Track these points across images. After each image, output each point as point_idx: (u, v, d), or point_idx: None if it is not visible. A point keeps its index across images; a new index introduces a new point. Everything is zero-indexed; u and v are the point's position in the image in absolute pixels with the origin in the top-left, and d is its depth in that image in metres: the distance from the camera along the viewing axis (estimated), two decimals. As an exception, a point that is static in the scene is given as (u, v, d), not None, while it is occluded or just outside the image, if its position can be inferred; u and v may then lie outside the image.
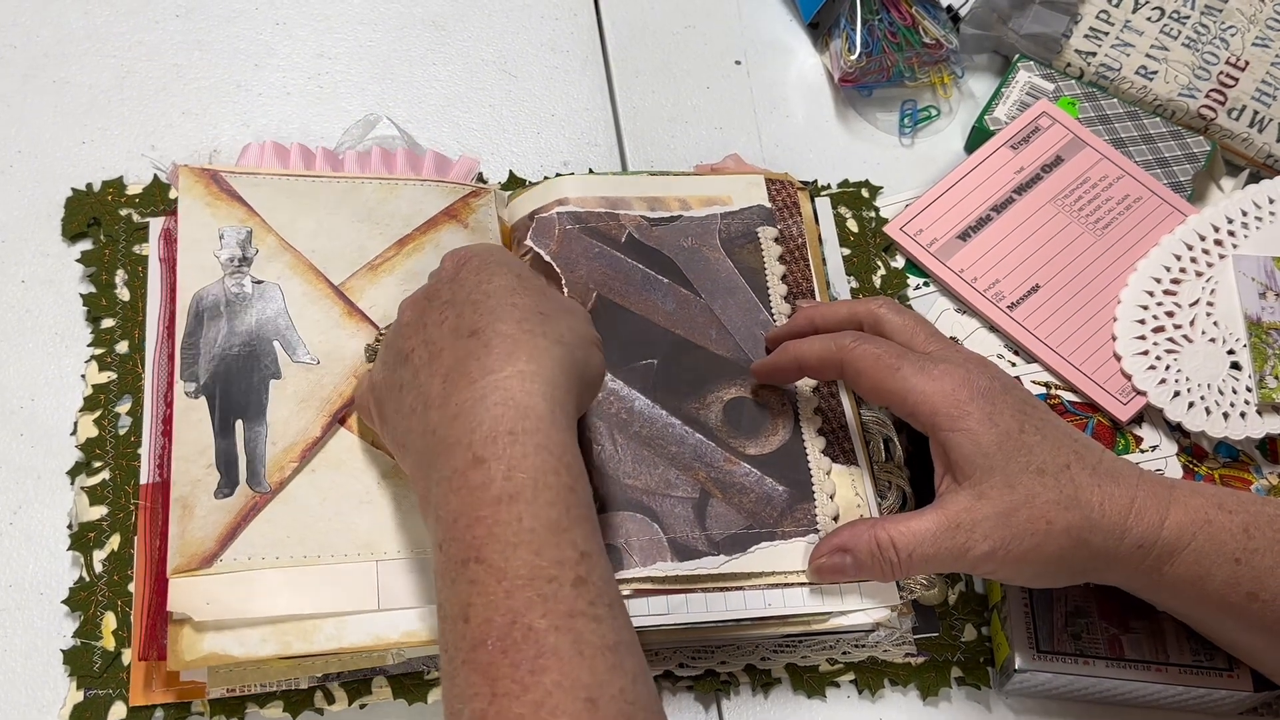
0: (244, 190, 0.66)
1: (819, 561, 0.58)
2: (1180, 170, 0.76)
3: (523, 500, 0.46)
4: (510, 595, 0.44)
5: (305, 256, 0.65)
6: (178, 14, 0.79)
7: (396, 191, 0.68)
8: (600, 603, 0.45)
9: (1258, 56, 0.79)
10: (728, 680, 0.61)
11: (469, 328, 0.50)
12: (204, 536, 0.56)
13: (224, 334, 0.62)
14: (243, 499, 0.58)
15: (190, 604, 0.55)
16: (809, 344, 0.60)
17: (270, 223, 0.65)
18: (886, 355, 0.57)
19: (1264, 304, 0.70)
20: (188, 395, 0.60)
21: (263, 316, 0.63)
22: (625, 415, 0.62)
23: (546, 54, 0.81)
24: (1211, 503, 0.55)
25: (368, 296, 0.64)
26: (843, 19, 0.80)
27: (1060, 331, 0.71)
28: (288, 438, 0.60)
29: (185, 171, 0.66)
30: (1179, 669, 0.60)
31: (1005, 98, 0.79)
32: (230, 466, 0.59)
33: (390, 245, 0.66)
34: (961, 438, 0.55)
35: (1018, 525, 0.54)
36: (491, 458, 0.47)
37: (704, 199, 0.70)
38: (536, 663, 0.43)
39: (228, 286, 0.63)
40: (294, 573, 0.56)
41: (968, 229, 0.74)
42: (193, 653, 0.54)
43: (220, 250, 0.64)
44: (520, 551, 0.45)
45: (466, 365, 0.49)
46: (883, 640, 0.61)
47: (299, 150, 0.70)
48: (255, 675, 0.56)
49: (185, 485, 0.58)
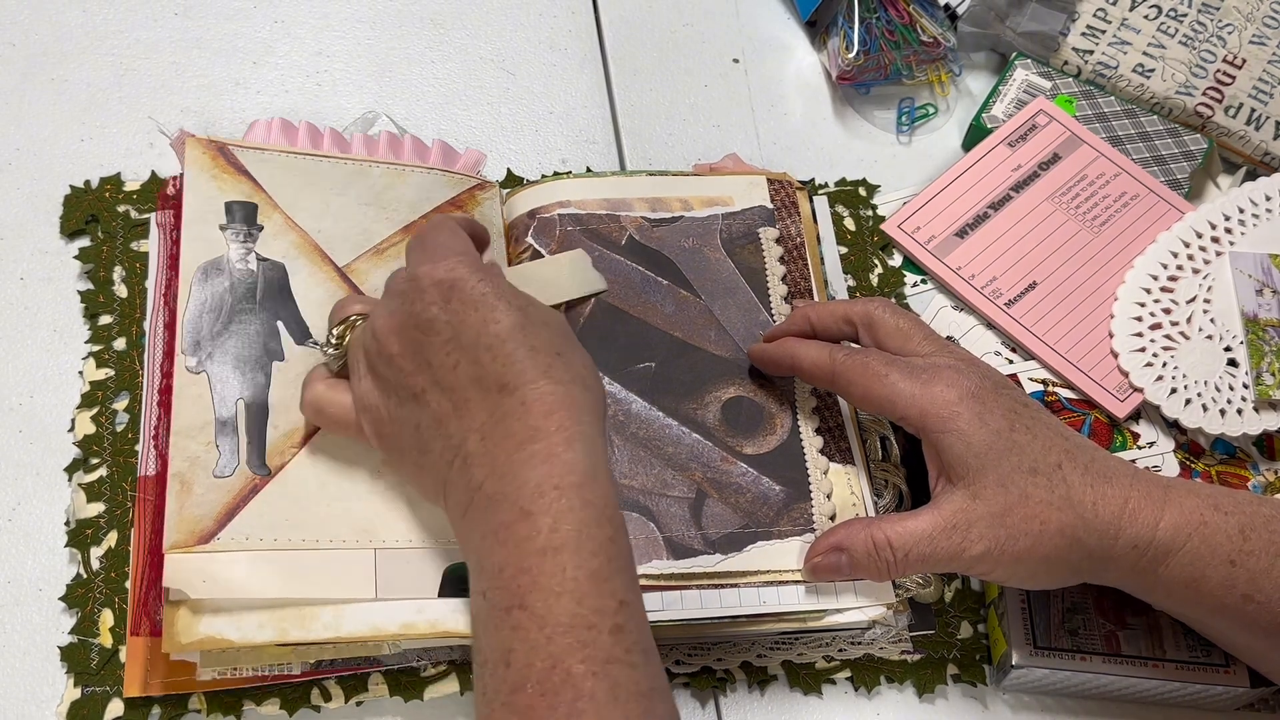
0: (251, 165, 0.65)
1: (815, 560, 0.58)
2: (1177, 168, 0.76)
3: (567, 551, 0.47)
4: (551, 641, 0.45)
5: (311, 237, 0.64)
6: (176, 12, 0.79)
7: (404, 178, 0.68)
8: (636, 650, 0.47)
9: (1255, 54, 0.79)
10: (724, 677, 0.61)
11: (496, 381, 0.51)
12: (202, 515, 0.56)
13: (228, 309, 0.61)
14: (242, 480, 0.57)
15: (186, 580, 0.54)
16: (805, 348, 0.61)
17: (277, 200, 0.64)
18: (875, 363, 0.58)
19: (1261, 301, 0.70)
20: (189, 370, 0.59)
21: (267, 295, 0.62)
22: (622, 417, 0.62)
23: (545, 52, 0.81)
24: (1207, 503, 0.55)
25: (372, 280, 0.64)
26: (840, 17, 0.80)
27: (1057, 328, 0.71)
28: (289, 421, 0.59)
29: (193, 142, 0.65)
30: (1175, 665, 0.60)
31: (1003, 95, 0.79)
32: (231, 446, 0.58)
33: (396, 231, 0.66)
34: (952, 439, 0.55)
35: (1012, 525, 0.54)
36: (539, 511, 0.48)
37: (705, 199, 0.70)
38: (574, 705, 0.44)
39: (233, 262, 0.62)
40: (291, 555, 0.56)
41: (965, 226, 0.74)
42: (189, 635, 0.53)
43: (226, 224, 0.63)
44: (563, 600, 0.46)
45: (507, 425, 0.50)
46: (879, 637, 0.61)
47: (307, 129, 0.69)
48: (249, 659, 0.55)
49: (183, 461, 0.57)
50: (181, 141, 0.65)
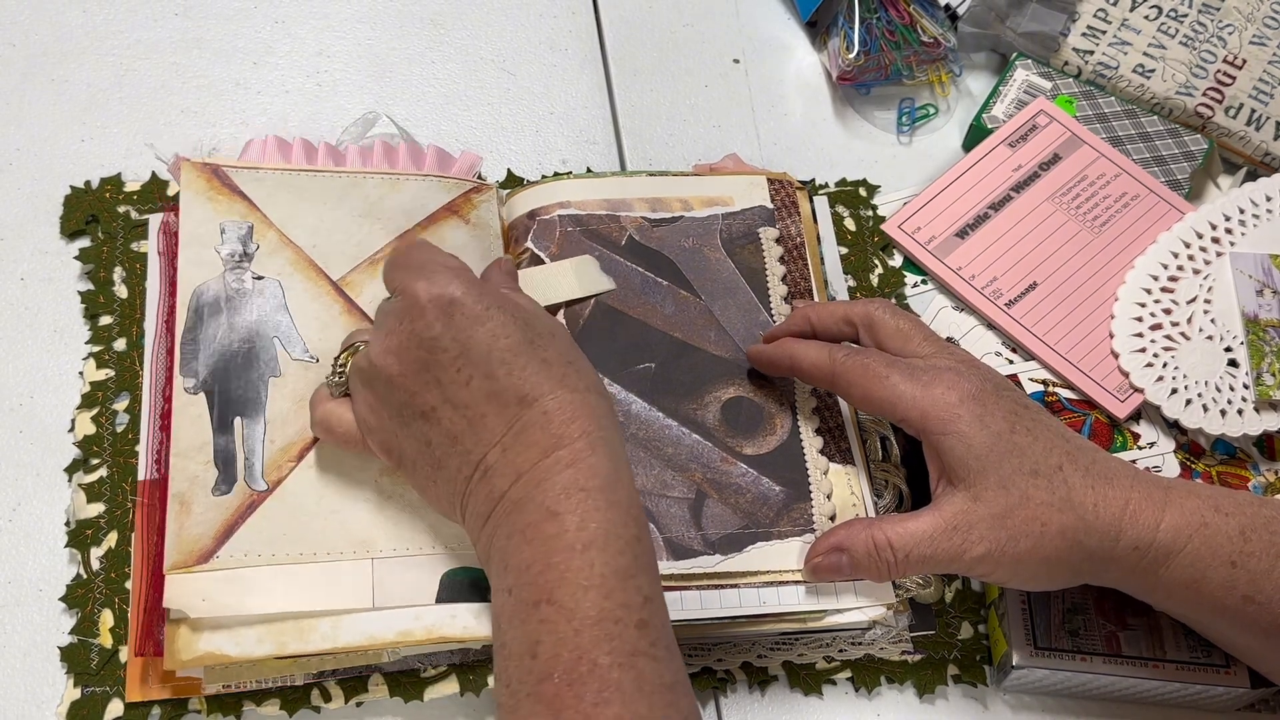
0: (245, 185, 0.66)
1: (815, 561, 0.58)
2: (1178, 168, 0.76)
3: (595, 548, 0.48)
4: (579, 634, 0.47)
5: (305, 252, 0.65)
6: (176, 12, 0.79)
7: (398, 186, 0.68)
8: (660, 644, 0.48)
9: (1255, 55, 0.79)
10: (724, 678, 0.61)
11: (514, 394, 0.51)
12: (201, 534, 0.57)
13: (224, 330, 0.62)
14: (240, 497, 0.58)
15: (186, 601, 0.55)
16: (804, 348, 0.61)
17: (271, 218, 0.65)
18: (876, 364, 0.58)
19: (1261, 301, 0.70)
20: (187, 391, 0.60)
21: (263, 313, 0.63)
22: (622, 418, 0.62)
23: (545, 52, 0.81)
24: (1208, 505, 0.55)
25: (367, 292, 0.64)
26: (841, 17, 0.80)
27: (1058, 329, 0.71)
28: (286, 436, 0.60)
29: (188, 166, 0.66)
30: (1176, 665, 0.60)
31: (1003, 96, 0.79)
32: (228, 464, 0.59)
33: (391, 240, 0.66)
34: (952, 441, 0.55)
35: (1013, 527, 0.54)
36: (566, 511, 0.49)
37: (706, 199, 0.70)
38: (600, 695, 0.45)
39: (228, 282, 0.63)
40: (289, 570, 0.56)
41: (965, 227, 0.74)
42: (189, 652, 0.54)
43: (221, 246, 0.64)
44: (590, 594, 0.47)
45: (529, 435, 0.51)
46: (879, 638, 0.61)
47: (301, 145, 0.69)
48: (251, 672, 0.56)
49: (183, 482, 0.58)
50: (177, 166, 0.66)
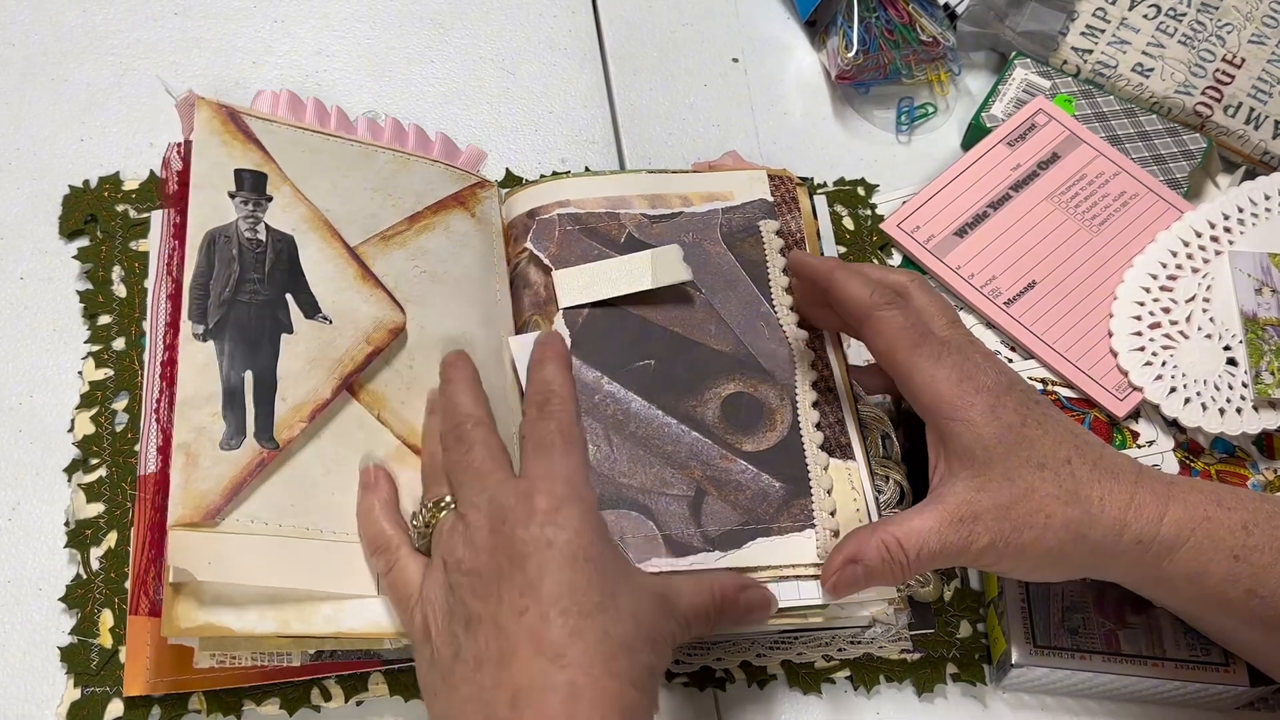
0: (260, 134, 0.63)
1: (832, 579, 0.56)
2: (1176, 167, 0.76)
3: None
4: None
5: (321, 213, 0.63)
6: (176, 11, 0.79)
7: (409, 166, 0.67)
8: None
9: (1254, 53, 0.79)
10: (723, 676, 0.61)
11: (553, 648, 0.48)
12: (209, 489, 0.54)
13: (236, 278, 0.59)
14: (250, 453, 0.55)
15: (192, 561, 0.52)
16: (851, 275, 0.58)
17: (286, 172, 0.63)
18: (911, 329, 0.56)
19: (1260, 300, 0.70)
20: (195, 337, 0.57)
21: (276, 267, 0.60)
22: (621, 416, 0.62)
23: (545, 51, 0.81)
24: (1210, 499, 0.55)
25: (377, 266, 0.63)
26: (840, 16, 0.80)
27: (1057, 327, 0.71)
28: (298, 395, 0.58)
29: (203, 104, 0.62)
30: (1175, 664, 0.60)
31: (1002, 95, 0.79)
32: (238, 417, 0.56)
33: (403, 219, 0.65)
34: (961, 428, 0.55)
35: (1017, 518, 0.54)
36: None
37: (705, 195, 0.70)
38: None
39: (241, 230, 0.60)
40: (297, 544, 0.55)
41: (964, 226, 0.74)
42: (189, 620, 0.52)
43: (236, 192, 0.61)
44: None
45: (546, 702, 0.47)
46: (878, 636, 0.61)
47: (314, 105, 0.67)
48: (247, 645, 0.54)
49: (189, 432, 0.55)
50: (189, 103, 0.62)
